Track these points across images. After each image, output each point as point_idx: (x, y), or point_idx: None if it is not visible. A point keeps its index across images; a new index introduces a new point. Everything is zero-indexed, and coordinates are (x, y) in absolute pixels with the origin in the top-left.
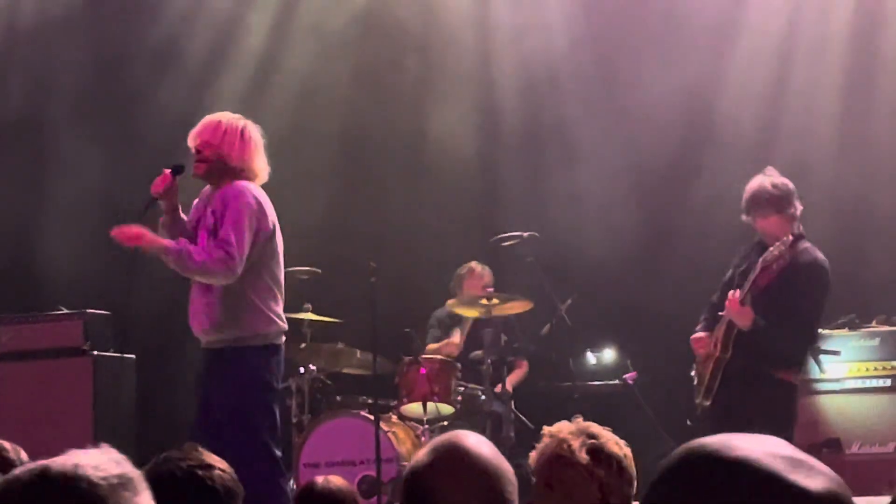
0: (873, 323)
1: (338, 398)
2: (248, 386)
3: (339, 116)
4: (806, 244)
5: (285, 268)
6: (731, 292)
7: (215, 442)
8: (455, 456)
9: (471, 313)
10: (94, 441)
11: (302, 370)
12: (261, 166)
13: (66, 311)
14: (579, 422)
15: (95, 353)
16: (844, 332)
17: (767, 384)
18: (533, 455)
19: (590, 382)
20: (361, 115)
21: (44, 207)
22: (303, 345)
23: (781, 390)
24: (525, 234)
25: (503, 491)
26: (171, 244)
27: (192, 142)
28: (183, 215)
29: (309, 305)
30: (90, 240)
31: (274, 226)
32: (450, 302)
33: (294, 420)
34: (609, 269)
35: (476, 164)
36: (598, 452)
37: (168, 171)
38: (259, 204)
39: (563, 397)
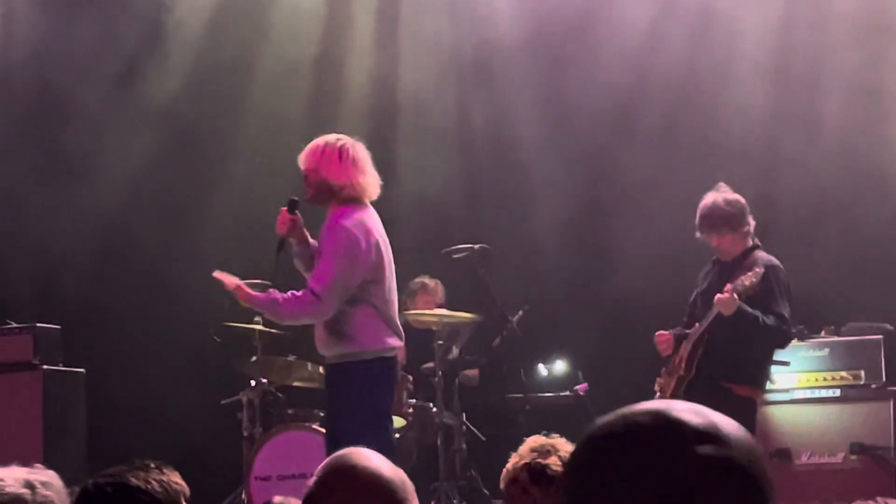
0: (822, 333)
1: (289, 411)
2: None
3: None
4: (761, 253)
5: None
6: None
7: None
8: (341, 473)
9: (421, 325)
10: (44, 454)
11: (253, 383)
12: (367, 182)
13: (15, 325)
14: (544, 439)
15: (45, 367)
16: (794, 342)
17: (728, 399)
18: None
19: (541, 394)
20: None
21: None
22: (254, 357)
23: (741, 406)
24: (476, 246)
25: (395, 498)
26: (263, 298)
27: (301, 167)
28: (313, 241)
29: (259, 318)
30: (42, 253)
31: (377, 246)
32: (408, 312)
33: (245, 433)
34: (560, 280)
35: (427, 175)
36: (537, 472)
37: (284, 209)
38: (355, 235)
39: (514, 409)
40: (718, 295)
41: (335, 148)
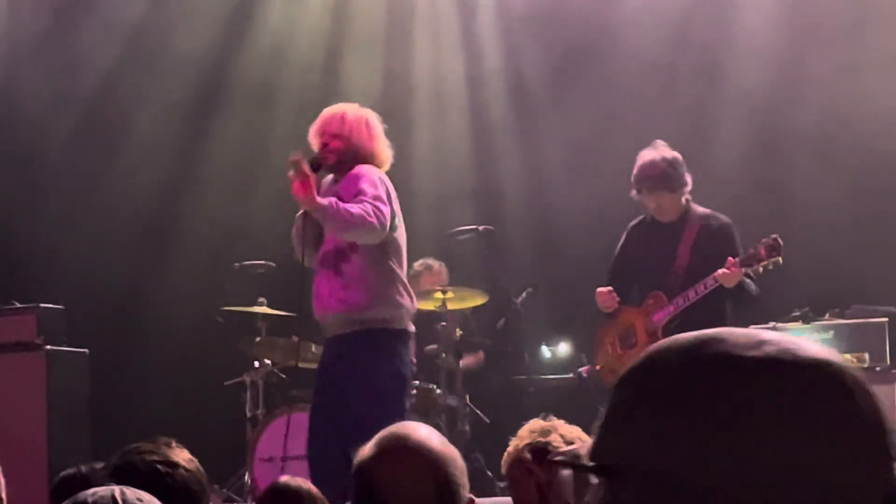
0: (826, 316)
1: (293, 392)
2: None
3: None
4: (700, 209)
5: (240, 262)
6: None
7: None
8: (399, 446)
9: (426, 307)
10: (48, 434)
11: (256, 364)
12: (386, 154)
13: (19, 305)
14: (544, 420)
15: (49, 347)
16: (798, 325)
17: None
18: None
19: (544, 376)
20: None
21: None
22: (257, 339)
23: None
24: (480, 228)
25: (450, 476)
26: (328, 202)
27: (317, 136)
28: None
29: (263, 299)
30: (45, 233)
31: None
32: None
33: (249, 415)
34: (564, 262)
35: (429, 155)
36: (540, 452)
37: (305, 167)
38: (386, 181)
39: (517, 391)
40: (723, 271)
41: (361, 115)
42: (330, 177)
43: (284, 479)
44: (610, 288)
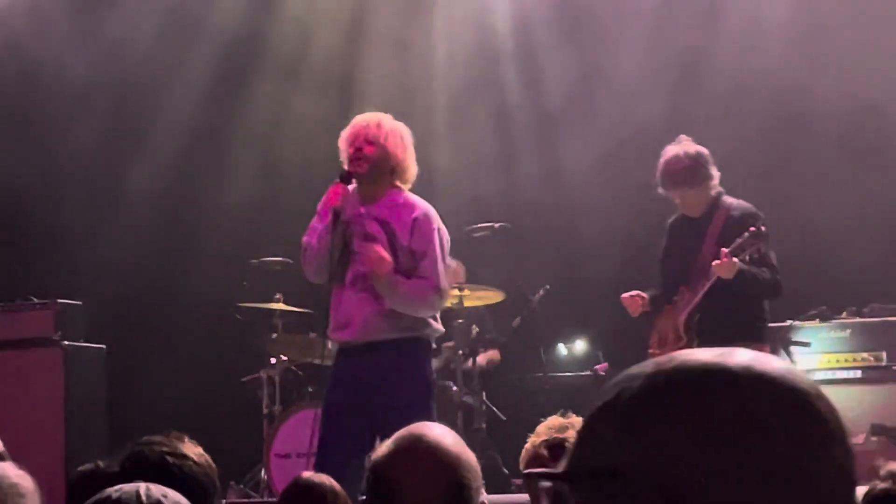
0: (843, 314)
1: (309, 389)
2: None
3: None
4: (730, 200)
5: (258, 258)
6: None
7: None
8: (415, 446)
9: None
10: (66, 430)
11: (273, 361)
12: (414, 170)
13: (37, 300)
14: (561, 418)
15: (67, 343)
16: (815, 323)
17: None
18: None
19: (561, 374)
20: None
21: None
22: (274, 335)
23: None
24: (496, 225)
25: (462, 478)
26: (403, 283)
27: (348, 143)
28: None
29: (280, 296)
30: (64, 229)
31: None
32: None
33: (265, 411)
34: (581, 260)
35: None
36: (556, 448)
37: (338, 181)
38: (445, 234)
39: (534, 389)
40: (716, 262)
41: (397, 125)
42: (352, 187)
43: (307, 474)
44: (635, 292)
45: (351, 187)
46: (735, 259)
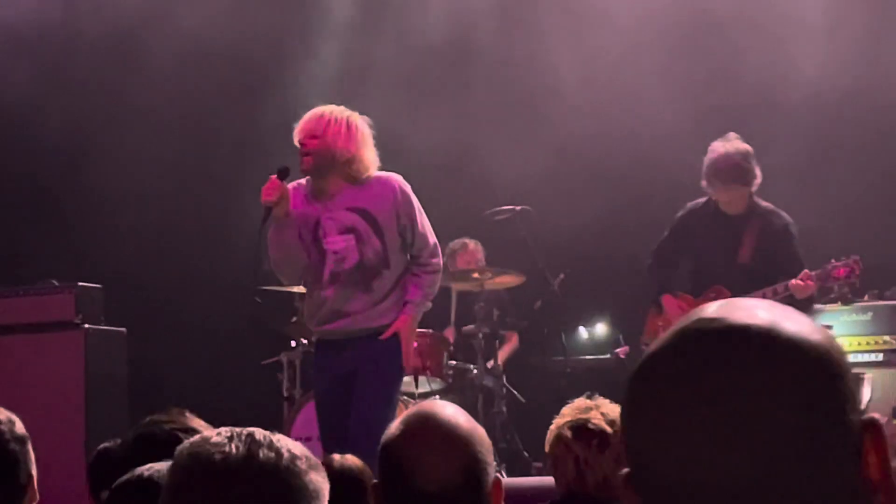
0: (865, 297)
1: None
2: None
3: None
4: (764, 203)
5: None
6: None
7: None
8: (427, 425)
9: (462, 287)
10: (86, 413)
11: (293, 344)
12: (371, 158)
13: (57, 283)
14: (587, 400)
15: (87, 326)
16: (836, 306)
17: None
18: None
19: (581, 357)
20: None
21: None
22: (294, 318)
23: None
24: (517, 208)
25: (477, 454)
26: (413, 307)
27: (296, 136)
28: (292, 210)
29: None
30: (83, 212)
31: None
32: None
33: (286, 394)
34: (602, 243)
35: (463, 137)
36: (579, 429)
37: (274, 176)
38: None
39: (554, 372)
40: (798, 283)
41: (342, 118)
42: (305, 180)
43: (337, 457)
44: (680, 299)
45: (305, 181)
46: (816, 285)
